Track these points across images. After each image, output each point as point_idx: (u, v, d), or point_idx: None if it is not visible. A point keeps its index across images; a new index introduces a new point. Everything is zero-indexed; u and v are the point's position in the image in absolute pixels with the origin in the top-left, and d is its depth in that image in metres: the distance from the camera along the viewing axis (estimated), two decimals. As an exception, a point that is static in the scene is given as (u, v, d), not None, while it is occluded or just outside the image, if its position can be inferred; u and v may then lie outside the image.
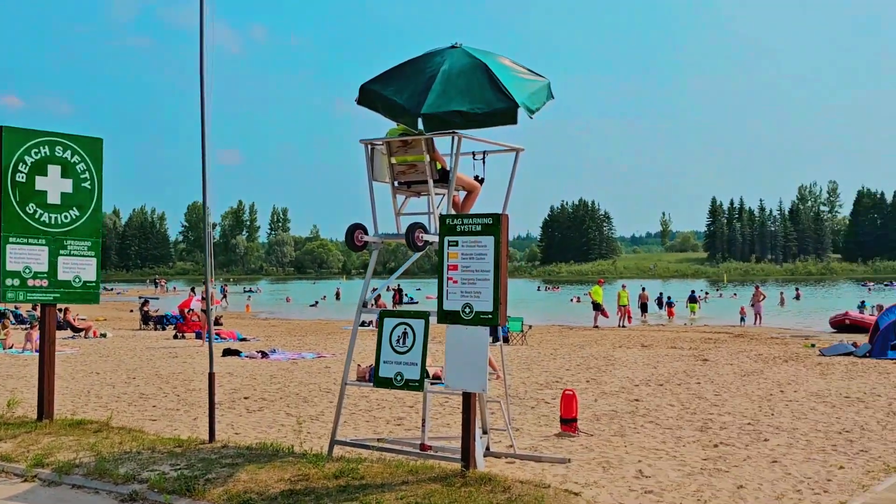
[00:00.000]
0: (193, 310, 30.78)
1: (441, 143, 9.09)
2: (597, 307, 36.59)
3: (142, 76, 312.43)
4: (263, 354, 21.79)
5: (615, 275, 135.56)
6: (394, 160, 9.19)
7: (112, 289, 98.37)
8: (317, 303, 64.22)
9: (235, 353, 22.20)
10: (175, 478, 7.99)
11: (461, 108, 8.36)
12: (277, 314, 51.08)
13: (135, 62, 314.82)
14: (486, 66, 8.65)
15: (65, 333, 27.96)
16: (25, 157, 10.75)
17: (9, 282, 10.67)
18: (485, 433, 9.44)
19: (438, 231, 8.34)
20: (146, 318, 34.70)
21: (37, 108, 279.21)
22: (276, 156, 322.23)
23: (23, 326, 29.85)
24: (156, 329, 33.08)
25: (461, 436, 8.30)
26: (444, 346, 8.22)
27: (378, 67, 10.19)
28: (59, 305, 14.06)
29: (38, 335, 12.76)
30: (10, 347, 23.74)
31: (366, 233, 9.29)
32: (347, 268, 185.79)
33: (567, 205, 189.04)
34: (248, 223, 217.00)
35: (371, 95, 9.00)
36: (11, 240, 10.65)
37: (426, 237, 8.93)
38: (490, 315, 7.89)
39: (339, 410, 9.46)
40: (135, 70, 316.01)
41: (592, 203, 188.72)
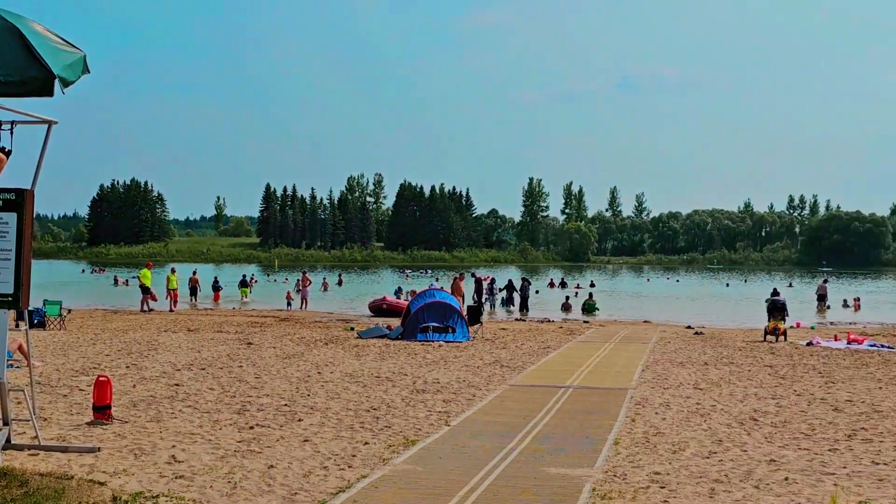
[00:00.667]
0: None
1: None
2: (145, 290, 35.53)
3: None
4: None
5: (167, 258, 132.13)
6: None
7: None
8: None
9: None
10: None
11: (-10, 73, 7.62)
12: None
13: None
14: (20, 31, 7.94)
15: None
16: None
17: None
18: (6, 425, 8.74)
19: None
20: None
21: None
22: None
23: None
24: None
25: (-26, 429, 7.62)
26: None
27: None
28: None
29: None
30: None
31: None
32: None
33: (119, 184, 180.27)
34: None
35: None
36: None
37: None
38: (10, 298, 7.33)
39: None
40: None
41: (146, 184, 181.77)
